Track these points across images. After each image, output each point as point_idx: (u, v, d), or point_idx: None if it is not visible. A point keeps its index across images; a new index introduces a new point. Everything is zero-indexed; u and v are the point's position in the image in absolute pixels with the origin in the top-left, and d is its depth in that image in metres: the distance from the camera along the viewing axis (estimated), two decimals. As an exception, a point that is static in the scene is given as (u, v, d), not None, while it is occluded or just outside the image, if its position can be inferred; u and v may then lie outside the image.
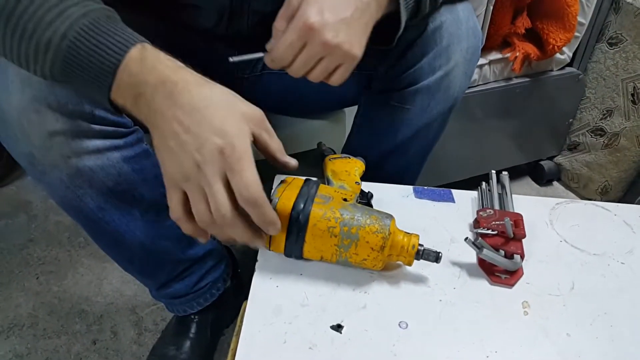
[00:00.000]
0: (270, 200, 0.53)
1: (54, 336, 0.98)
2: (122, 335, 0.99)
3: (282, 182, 0.58)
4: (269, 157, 0.51)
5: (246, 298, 0.54)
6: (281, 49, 0.55)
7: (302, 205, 0.53)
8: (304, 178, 0.59)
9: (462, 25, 0.69)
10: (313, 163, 0.75)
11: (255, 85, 0.85)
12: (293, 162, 0.52)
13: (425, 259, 0.55)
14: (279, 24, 0.56)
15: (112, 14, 0.49)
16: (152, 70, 0.46)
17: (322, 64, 0.56)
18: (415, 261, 0.55)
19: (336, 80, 0.58)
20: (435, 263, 0.55)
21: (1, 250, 1.16)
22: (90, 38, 0.46)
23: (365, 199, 0.65)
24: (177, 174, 0.46)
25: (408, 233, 0.55)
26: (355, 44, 0.56)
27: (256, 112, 0.49)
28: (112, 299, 1.06)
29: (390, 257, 0.55)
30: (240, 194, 0.45)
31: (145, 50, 0.47)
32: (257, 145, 0.49)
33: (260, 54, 0.57)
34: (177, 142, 0.45)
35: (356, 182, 0.64)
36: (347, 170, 0.66)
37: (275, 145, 0.50)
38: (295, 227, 0.53)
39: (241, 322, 0.51)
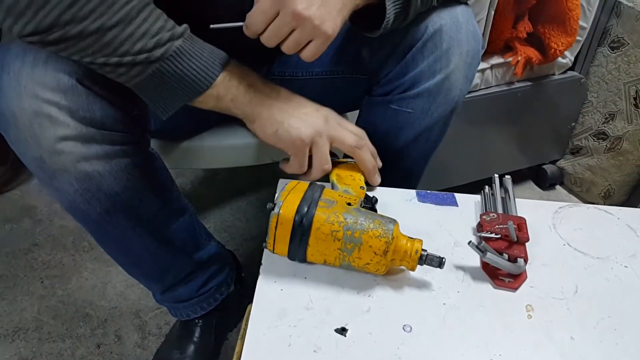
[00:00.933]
0: (274, 205, 0.54)
1: (59, 340, 0.98)
2: (126, 339, 0.99)
3: (286, 186, 0.58)
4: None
5: (251, 301, 0.54)
6: (254, 15, 0.56)
7: (305, 209, 0.53)
8: (309, 182, 0.59)
9: (462, 28, 0.69)
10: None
11: None
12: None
13: (428, 264, 0.55)
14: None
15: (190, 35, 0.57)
16: (234, 101, 0.61)
17: (293, 35, 0.57)
18: (418, 266, 0.55)
19: (307, 55, 0.58)
20: (438, 268, 0.55)
21: (6, 255, 1.17)
22: (180, 62, 0.55)
23: (370, 203, 0.65)
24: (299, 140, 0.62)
25: (411, 238, 0.55)
26: (327, 20, 0.56)
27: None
28: (116, 303, 1.06)
29: (394, 262, 0.55)
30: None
31: (229, 79, 0.60)
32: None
33: (240, 23, 0.58)
34: (285, 122, 0.62)
35: (361, 187, 0.64)
36: (352, 174, 0.66)
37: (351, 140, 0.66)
38: (299, 230, 0.53)
39: (246, 325, 0.52)
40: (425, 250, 0.55)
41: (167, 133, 0.82)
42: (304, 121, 0.63)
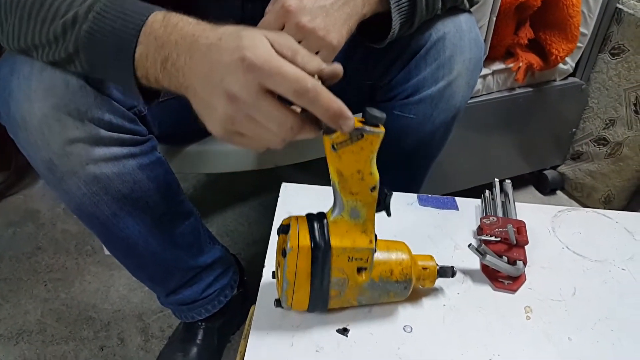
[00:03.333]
0: (274, 274, 0.52)
1: (62, 342, 0.99)
2: (129, 341, 1.00)
3: (288, 243, 0.48)
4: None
5: (254, 303, 0.55)
6: (260, 28, 0.55)
7: (318, 304, 0.51)
8: (311, 248, 0.48)
9: (465, 36, 0.70)
10: (318, 172, 0.76)
11: None
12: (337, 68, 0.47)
13: (441, 276, 0.56)
14: (268, 7, 0.58)
15: None
16: (175, 28, 0.45)
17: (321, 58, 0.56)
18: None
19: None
20: (451, 278, 0.56)
21: (10, 258, 1.17)
22: (115, 7, 0.47)
23: (383, 204, 0.53)
24: (221, 121, 0.43)
25: (425, 263, 0.55)
26: (331, 32, 0.56)
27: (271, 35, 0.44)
28: (119, 306, 1.07)
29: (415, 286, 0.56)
30: (290, 91, 0.40)
31: (168, 14, 0.47)
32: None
33: None
34: (203, 88, 0.43)
35: (371, 189, 0.50)
36: (359, 169, 0.48)
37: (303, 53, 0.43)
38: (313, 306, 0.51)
39: (249, 325, 0.53)
40: (438, 265, 0.55)
41: (173, 136, 0.83)
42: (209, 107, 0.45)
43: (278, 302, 0.51)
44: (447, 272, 0.55)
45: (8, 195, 1.36)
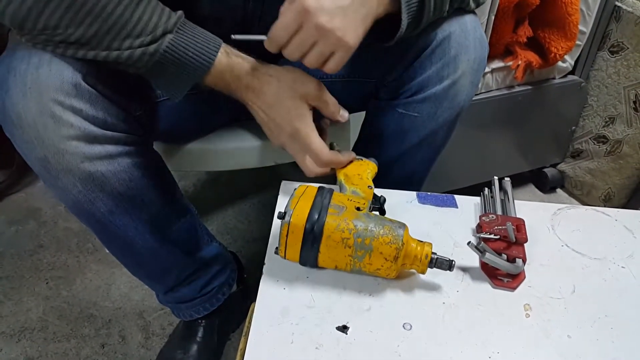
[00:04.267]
0: (284, 213, 0.54)
1: (64, 340, 1.00)
2: (130, 339, 1.00)
3: (295, 191, 0.58)
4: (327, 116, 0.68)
5: (254, 301, 0.55)
6: (277, 28, 0.57)
7: (316, 217, 0.54)
8: (317, 186, 0.60)
9: (470, 35, 0.70)
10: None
11: None
12: (344, 115, 0.69)
13: (438, 267, 0.56)
14: (283, 7, 0.58)
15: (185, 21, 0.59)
16: (238, 79, 0.63)
17: (316, 49, 0.57)
18: (429, 270, 0.56)
19: (330, 67, 0.59)
20: (448, 271, 0.56)
21: (12, 256, 1.18)
22: (180, 46, 0.57)
23: (378, 203, 0.65)
24: (276, 140, 0.68)
25: (421, 242, 0.56)
26: (349, 32, 0.57)
27: (312, 87, 0.65)
28: (120, 303, 1.07)
29: (404, 266, 0.56)
30: (316, 161, 0.66)
31: (229, 58, 0.62)
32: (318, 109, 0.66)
33: (262, 37, 0.59)
34: (266, 127, 0.67)
35: (369, 187, 0.64)
36: (359, 173, 0.67)
37: (331, 109, 0.67)
38: (310, 238, 0.54)
39: (250, 323, 0.53)
40: (435, 254, 0.56)
41: (173, 134, 0.84)
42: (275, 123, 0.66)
43: (277, 249, 0.57)
44: (443, 263, 0.55)
45: (10, 194, 1.36)
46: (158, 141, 0.82)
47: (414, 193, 0.73)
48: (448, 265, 0.55)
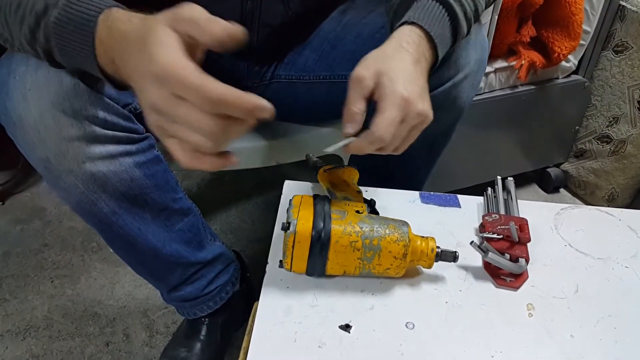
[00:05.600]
0: (289, 224, 0.54)
1: (69, 338, 1.00)
2: (134, 337, 1.01)
3: (292, 201, 0.58)
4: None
5: (257, 299, 0.56)
6: (385, 126, 0.52)
7: (321, 224, 0.53)
8: (312, 195, 0.59)
9: (471, 39, 0.70)
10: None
11: (263, 93, 0.88)
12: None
13: (443, 260, 0.56)
14: (356, 106, 0.54)
15: None
16: (115, 31, 0.45)
17: (412, 133, 0.56)
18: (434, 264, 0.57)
19: (412, 141, 0.58)
20: (453, 263, 0.57)
21: (17, 255, 1.19)
22: (69, 13, 0.47)
23: (371, 207, 0.65)
24: (153, 127, 0.45)
25: (424, 237, 0.57)
26: (430, 106, 0.56)
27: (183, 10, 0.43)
28: (124, 302, 1.08)
29: (412, 263, 0.56)
30: (199, 102, 0.41)
31: (110, 15, 0.46)
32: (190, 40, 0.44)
33: (347, 140, 0.55)
34: (138, 94, 0.44)
35: (357, 192, 0.64)
36: (345, 179, 0.67)
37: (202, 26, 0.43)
38: (318, 246, 0.53)
39: (253, 321, 0.53)
40: (439, 247, 0.56)
41: None
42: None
43: (282, 262, 0.56)
44: (448, 255, 0.56)
45: (15, 193, 1.37)
46: (159, 142, 0.83)
47: (417, 193, 0.73)
48: (452, 257, 0.56)
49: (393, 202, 0.70)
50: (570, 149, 1.45)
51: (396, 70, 0.54)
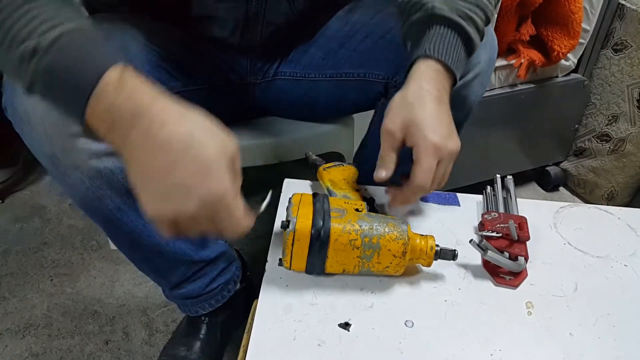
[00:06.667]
0: (288, 222, 0.54)
1: (68, 336, 1.00)
2: (134, 336, 1.01)
3: (292, 199, 0.58)
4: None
5: (257, 298, 0.56)
6: (423, 176, 0.55)
7: (321, 222, 0.53)
8: (312, 193, 0.59)
9: None
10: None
11: (266, 90, 0.88)
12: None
13: (442, 258, 0.56)
14: (389, 155, 0.58)
15: (96, 33, 0.47)
16: (130, 97, 0.43)
17: (447, 169, 0.59)
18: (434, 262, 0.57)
19: (446, 178, 0.60)
20: (452, 261, 0.57)
21: (16, 253, 1.19)
22: (68, 56, 0.44)
23: (370, 205, 0.66)
24: (162, 213, 0.45)
25: (423, 235, 0.57)
26: (457, 138, 0.59)
27: (234, 147, 0.47)
28: (124, 300, 1.08)
29: (411, 261, 0.57)
30: (233, 232, 0.47)
31: (124, 74, 0.44)
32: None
33: (268, 199, 0.58)
34: (156, 183, 0.44)
35: (356, 190, 0.65)
36: (344, 178, 0.67)
37: (238, 183, 0.48)
38: (317, 244, 0.53)
39: (252, 319, 0.53)
40: (438, 246, 0.56)
41: None
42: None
43: (281, 260, 0.56)
44: (447, 253, 0.56)
45: (15, 191, 1.37)
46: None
47: (417, 191, 0.73)
48: (452, 255, 0.56)
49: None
50: (569, 147, 1.45)
51: (422, 118, 0.56)
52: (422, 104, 0.57)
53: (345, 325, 0.52)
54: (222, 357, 0.95)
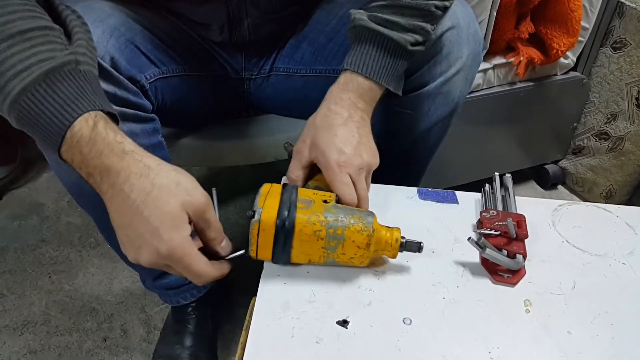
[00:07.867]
0: (254, 212, 0.54)
1: (66, 333, 1.00)
2: (132, 333, 1.01)
3: (261, 190, 0.58)
4: (205, 244, 0.54)
5: (255, 295, 0.56)
6: (344, 193, 0.59)
7: (286, 213, 0.54)
8: (282, 184, 0.60)
9: (463, 32, 0.70)
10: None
11: (261, 86, 0.87)
12: (226, 249, 0.56)
13: (408, 250, 0.57)
14: (294, 173, 0.63)
15: (80, 67, 0.49)
16: (99, 156, 0.47)
17: (367, 178, 0.63)
18: (399, 254, 0.57)
19: (368, 185, 0.64)
20: (418, 253, 0.57)
21: (15, 250, 1.18)
22: (43, 100, 0.46)
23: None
24: (134, 258, 0.50)
25: (389, 227, 0.57)
26: (373, 153, 0.63)
27: (198, 200, 0.50)
28: (122, 298, 1.08)
29: (376, 253, 0.57)
30: (196, 282, 0.51)
31: (97, 127, 0.47)
32: (196, 230, 0.53)
33: (242, 251, 0.58)
34: (124, 232, 0.49)
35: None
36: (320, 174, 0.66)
37: (212, 234, 0.53)
38: (282, 234, 0.54)
39: (250, 317, 0.53)
40: (404, 238, 0.56)
41: (168, 116, 0.79)
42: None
43: (247, 250, 0.56)
44: (412, 245, 0.56)
45: (13, 189, 1.37)
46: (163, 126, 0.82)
47: (415, 189, 0.73)
48: (417, 247, 0.56)
49: (391, 197, 0.70)
50: (568, 145, 1.45)
51: (326, 140, 0.60)
52: (328, 127, 0.61)
53: (344, 323, 0.52)
54: (216, 349, 0.95)
